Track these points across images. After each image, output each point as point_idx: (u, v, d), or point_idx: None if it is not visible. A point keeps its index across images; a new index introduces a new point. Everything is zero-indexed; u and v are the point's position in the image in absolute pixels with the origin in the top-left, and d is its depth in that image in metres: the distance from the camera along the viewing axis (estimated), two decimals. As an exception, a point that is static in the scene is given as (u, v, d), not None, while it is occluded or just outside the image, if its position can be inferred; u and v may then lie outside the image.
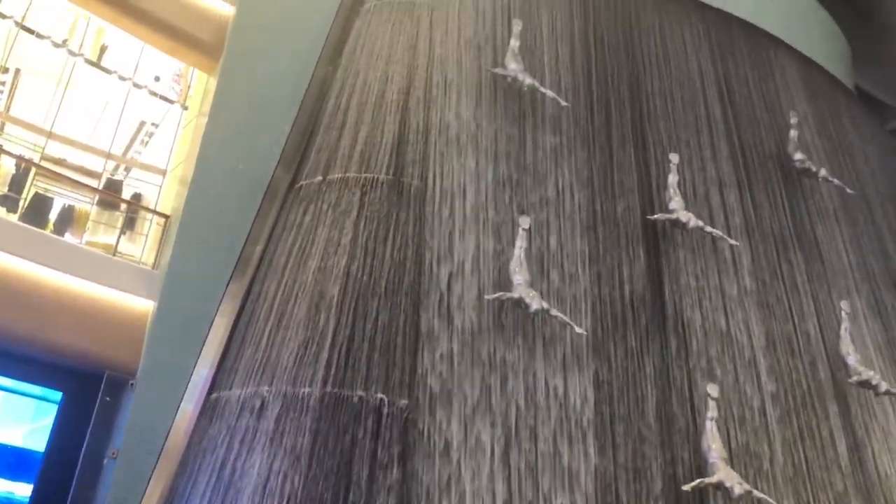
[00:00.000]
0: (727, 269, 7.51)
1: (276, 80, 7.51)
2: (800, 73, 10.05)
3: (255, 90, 7.52)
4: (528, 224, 6.47)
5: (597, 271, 6.89)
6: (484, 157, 6.95)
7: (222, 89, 7.55)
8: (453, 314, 6.07)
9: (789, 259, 8.02)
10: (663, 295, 7.06)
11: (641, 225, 7.37)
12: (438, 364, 5.81)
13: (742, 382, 6.90)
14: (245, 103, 7.46)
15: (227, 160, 7.15)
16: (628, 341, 6.65)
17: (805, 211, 8.59)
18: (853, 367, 7.30)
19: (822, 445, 6.92)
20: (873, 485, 7.00)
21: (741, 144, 8.57)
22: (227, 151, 7.18)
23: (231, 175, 7.07)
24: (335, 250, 6.09)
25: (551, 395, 6.10)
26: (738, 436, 6.57)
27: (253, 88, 7.53)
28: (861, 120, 11.12)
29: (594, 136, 7.73)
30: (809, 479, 6.66)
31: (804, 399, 7.13)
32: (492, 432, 5.67)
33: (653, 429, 6.33)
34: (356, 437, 5.30)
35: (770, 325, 7.44)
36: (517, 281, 6.21)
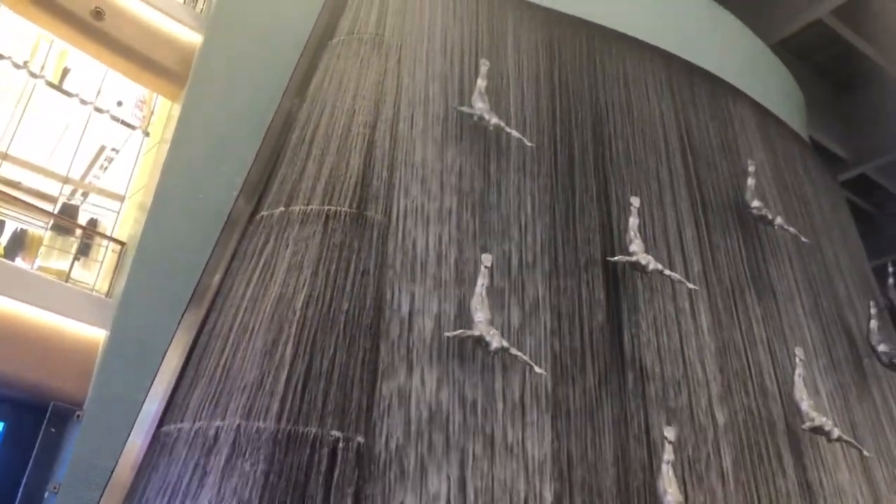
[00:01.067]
0: (685, 313, 7.59)
1: (240, 110, 7.45)
2: (757, 123, 10.32)
3: (220, 119, 7.45)
4: (490, 262, 6.48)
5: (557, 311, 6.91)
6: (448, 195, 6.96)
7: (186, 117, 7.47)
8: (413, 351, 6.01)
9: (745, 304, 8.14)
10: (622, 337, 7.10)
11: (602, 266, 7.43)
12: (396, 401, 5.73)
13: (698, 426, 6.93)
14: (208, 132, 7.39)
15: (188, 188, 7.04)
16: (587, 382, 6.66)
17: (761, 257, 8.75)
18: (806, 412, 7.40)
19: (776, 490, 6.96)
20: (825, 531, 7.06)
21: (700, 190, 8.73)
22: (188, 179, 7.08)
23: (191, 203, 6.96)
24: (294, 283, 6.00)
25: (509, 435, 6.05)
26: (693, 479, 6.58)
27: (217, 117, 7.46)
28: (815, 170, 11.43)
29: (558, 177, 7.82)
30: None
31: (759, 444, 7.18)
32: (448, 472, 5.59)
33: (610, 470, 6.31)
34: (310, 475, 5.17)
35: (726, 369, 7.52)
36: (478, 319, 6.18)
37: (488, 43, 8.22)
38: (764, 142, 10.27)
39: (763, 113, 10.75)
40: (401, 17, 7.94)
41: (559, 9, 9.17)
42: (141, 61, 8.04)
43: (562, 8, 9.21)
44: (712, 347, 7.51)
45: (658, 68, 9.53)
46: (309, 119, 7.21)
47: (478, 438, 5.90)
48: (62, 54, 9.47)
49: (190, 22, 8.19)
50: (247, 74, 7.64)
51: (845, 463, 7.78)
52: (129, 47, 7.93)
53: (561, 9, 9.19)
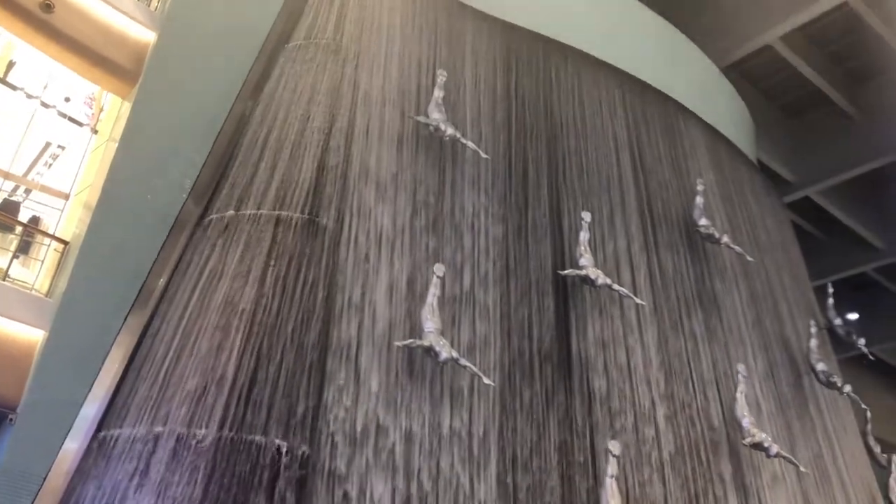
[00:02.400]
0: (632, 327, 7.69)
1: (192, 112, 7.33)
2: (707, 144, 10.54)
3: (171, 119, 7.31)
4: (442, 272, 6.47)
5: (507, 323, 6.94)
6: (402, 204, 6.95)
7: (136, 116, 7.32)
8: (361, 360, 5.96)
9: (691, 321, 8.28)
10: (570, 349, 7.16)
11: (553, 279, 7.49)
12: (342, 410, 5.67)
13: (642, 439, 7.01)
14: (159, 132, 7.24)
15: (136, 189, 6.89)
16: (534, 393, 6.69)
17: (707, 275, 8.92)
18: (747, 429, 7.55)
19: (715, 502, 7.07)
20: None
21: (650, 207, 8.87)
22: (136, 180, 6.93)
23: (138, 204, 6.81)
24: (242, 288, 5.90)
25: (455, 445, 6.03)
26: (636, 492, 6.64)
27: (168, 117, 7.32)
28: (761, 191, 11.72)
29: (511, 189, 7.87)
30: (703, 538, 6.79)
31: (700, 458, 7.30)
32: (393, 483, 5.55)
33: (555, 482, 6.34)
34: (251, 484, 5.08)
35: (671, 384, 7.63)
36: (428, 328, 6.17)
37: (446, 54, 8.25)
38: (713, 162, 10.49)
39: (713, 134, 10.99)
40: (359, 25, 7.91)
41: (517, 23, 9.25)
42: (91, 57, 7.85)
43: (520, 22, 9.29)
44: (657, 362, 7.62)
45: (612, 86, 9.68)
46: (262, 123, 7.12)
47: (424, 448, 5.87)
48: (8, 46, 9.20)
49: (143, 19, 8.03)
50: (200, 75, 7.53)
51: (782, 477, 7.95)
52: (78, 42, 7.74)
53: (519, 23, 9.27)
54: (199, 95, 7.47)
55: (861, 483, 9.86)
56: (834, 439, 9.65)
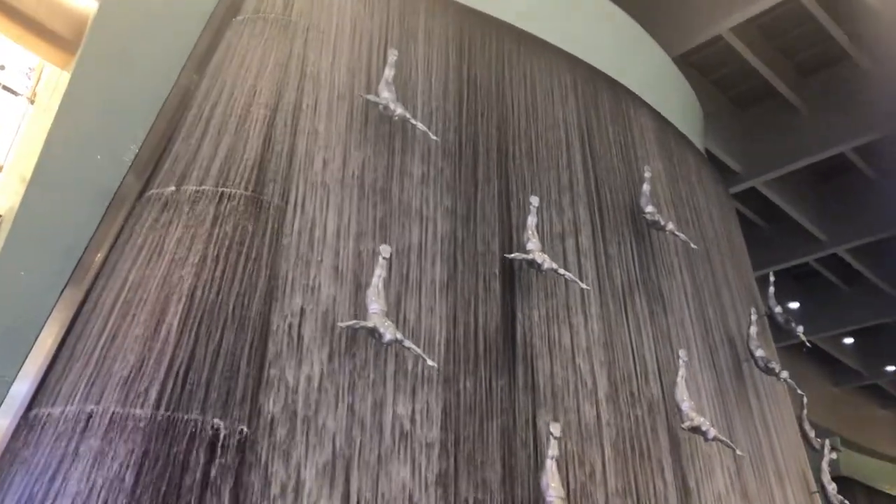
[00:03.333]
0: (576, 312, 7.76)
1: (135, 84, 7.12)
2: (656, 132, 10.65)
3: (112, 91, 7.09)
4: (388, 253, 6.42)
5: (453, 305, 6.93)
6: (349, 183, 6.87)
7: (75, 86, 7.08)
8: (304, 341, 5.90)
9: (634, 306, 8.39)
10: (515, 332, 7.19)
11: (500, 263, 7.51)
12: (283, 391, 5.61)
13: (584, 422, 7.10)
14: (99, 104, 7.02)
15: (74, 161, 6.67)
16: (478, 377, 6.71)
17: (651, 262, 9.04)
18: (686, 413, 7.69)
19: (654, 485, 7.21)
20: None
21: (598, 193, 8.95)
22: (74, 152, 6.71)
23: (76, 177, 6.61)
24: (182, 265, 5.78)
25: (398, 428, 6.02)
26: (576, 474, 6.73)
27: (109, 89, 7.10)
28: (708, 180, 11.91)
29: (460, 172, 7.84)
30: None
31: (640, 440, 7.42)
32: (333, 464, 5.52)
33: (496, 465, 6.38)
34: (188, 464, 5.00)
35: (613, 368, 7.73)
36: (373, 310, 6.13)
37: (398, 33, 8.17)
38: (661, 150, 10.62)
39: (662, 122, 11.12)
40: (309, 1, 7.78)
41: (471, 5, 9.20)
42: (27, 24, 7.58)
43: (474, 5, 9.24)
44: (601, 346, 7.71)
45: (563, 71, 9.70)
46: (207, 97, 6.97)
47: (365, 430, 5.85)
48: (-59, 11, 8.82)
49: (85, -14, 7.78)
50: (143, 47, 7.31)
51: (719, 460, 8.14)
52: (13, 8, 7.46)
53: (473, 6, 9.22)
54: (142, 67, 7.26)
55: (795, 465, 10.16)
56: (771, 423, 9.91)
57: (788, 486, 9.42)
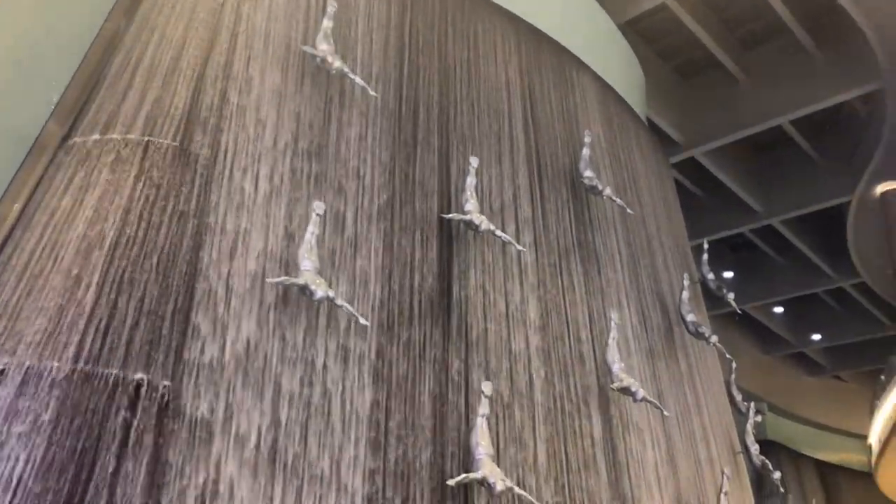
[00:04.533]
0: (512, 274, 7.78)
1: (59, 27, 6.80)
2: (598, 97, 10.68)
3: (34, 35, 6.75)
4: (322, 210, 6.31)
5: (388, 265, 6.87)
6: (283, 137, 6.70)
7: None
8: (232, 296, 5.77)
9: (570, 269, 8.46)
10: (450, 292, 7.18)
11: (437, 222, 7.46)
12: (210, 347, 5.48)
13: (515, 382, 7.16)
14: (20, 48, 6.68)
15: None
16: (412, 336, 6.68)
17: (588, 226, 9.11)
18: (616, 374, 7.82)
19: (583, 445, 7.34)
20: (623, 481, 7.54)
21: (538, 156, 8.94)
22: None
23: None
24: (105, 216, 5.58)
25: (328, 386, 5.97)
26: (506, 433, 6.79)
27: (31, 33, 6.76)
28: (648, 148, 12.02)
29: (399, 130, 7.73)
30: (568, 476, 7.03)
31: (571, 401, 7.53)
32: (260, 423, 5.43)
33: (427, 424, 6.39)
34: (107, 418, 4.86)
35: (547, 329, 7.79)
36: (305, 267, 6.02)
37: (338, -16, 7.94)
38: (602, 115, 10.66)
39: (604, 88, 11.15)
40: (246, -53, 7.50)
41: (415, -41, 9.01)
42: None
43: (418, -41, 9.05)
44: (535, 307, 7.76)
45: (508, 33, 9.62)
46: (135, 44, 6.69)
47: (294, 388, 5.77)
48: None
49: (6, -79, 7.35)
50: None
51: (647, 421, 8.33)
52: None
53: (417, -40, 9.03)
54: (67, 10, 6.93)
55: (721, 427, 10.47)
56: (699, 386, 10.17)
57: (714, 446, 9.71)
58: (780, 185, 22.30)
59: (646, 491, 7.81)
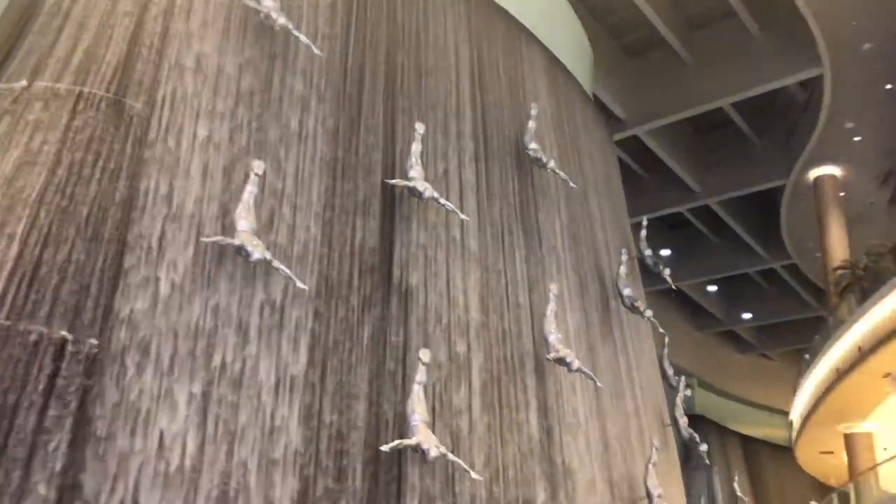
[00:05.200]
0: (455, 243, 7.76)
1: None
2: (545, 70, 10.67)
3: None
4: (261, 170, 6.15)
5: (329, 228, 6.76)
6: (223, 93, 6.49)
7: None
8: (165, 255, 5.60)
9: (512, 239, 8.48)
10: (392, 259, 7.12)
11: (381, 188, 7.37)
12: (140, 306, 5.32)
13: (454, 351, 7.17)
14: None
15: None
16: (351, 301, 6.61)
17: (531, 197, 9.14)
18: (553, 344, 7.92)
19: (517, 413, 7.42)
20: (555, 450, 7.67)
21: (484, 125, 8.90)
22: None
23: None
24: (32, 167, 5.34)
25: (263, 349, 5.86)
26: (443, 400, 6.81)
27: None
28: (592, 124, 12.10)
29: (345, 92, 7.58)
30: (501, 442, 7.11)
31: (508, 370, 7.59)
32: (190, 385, 5.31)
33: (363, 390, 6.35)
34: (29, 377, 4.69)
35: (487, 299, 7.81)
36: (241, 227, 5.87)
37: (285, -61, 7.70)
38: (549, 89, 10.66)
39: (553, 62, 11.14)
40: None
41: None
42: None
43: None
44: (476, 277, 7.76)
45: (458, 0, 9.50)
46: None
47: (228, 351, 5.66)
48: None
49: None
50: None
51: (581, 391, 8.46)
52: None
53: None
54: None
55: (652, 400, 10.73)
56: (632, 360, 10.38)
57: (644, 418, 9.94)
58: (719, 166, 22.79)
59: (577, 459, 7.96)
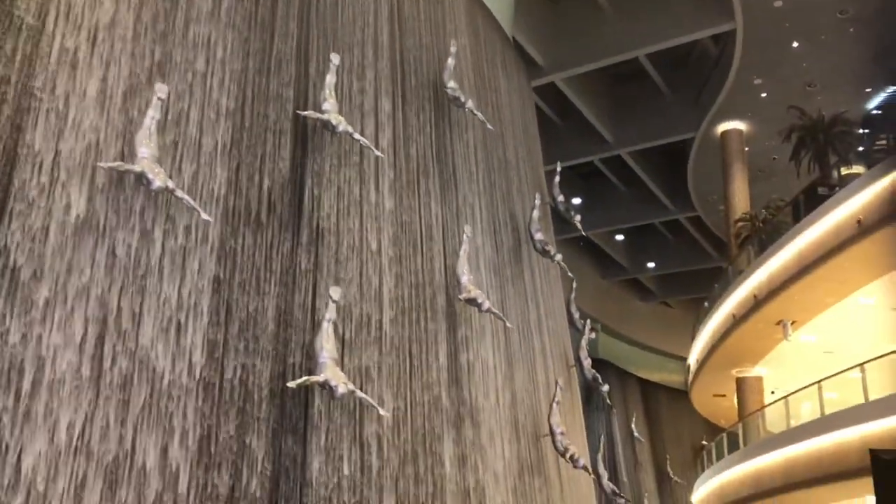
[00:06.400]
0: (368, 180, 7.60)
1: None
2: (466, 9, 10.47)
3: None
4: (165, 93, 5.79)
5: (237, 158, 6.48)
6: (124, 10, 6.06)
7: None
8: (58, 178, 5.24)
9: (427, 178, 8.39)
10: (302, 194, 6.92)
11: (293, 119, 7.11)
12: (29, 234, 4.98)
13: (365, 289, 7.08)
14: None
15: None
16: (258, 235, 6.41)
17: (448, 138, 9.04)
18: (465, 285, 7.93)
19: (427, 351, 7.44)
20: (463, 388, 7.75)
21: (402, 62, 8.69)
22: None
23: None
24: None
25: (165, 284, 5.62)
26: (352, 337, 6.74)
27: None
28: (511, 67, 12.01)
29: (256, 16, 7.20)
30: (411, 379, 7.13)
31: (419, 309, 7.57)
32: (86, 314, 5.05)
33: (270, 326, 6.21)
34: None
35: (400, 238, 7.73)
36: (142, 154, 5.54)
37: None
38: (470, 28, 10.48)
39: (473, 1, 10.93)
40: None
41: None
42: None
43: None
44: (389, 215, 7.65)
45: (379, -72, 9.13)
46: None
47: (127, 278, 5.40)
48: None
49: None
50: None
51: (490, 331, 8.56)
52: None
53: None
54: None
55: (558, 342, 10.98)
56: (541, 302, 10.56)
57: (550, 359, 10.17)
58: (632, 117, 23.22)
59: (484, 397, 8.08)
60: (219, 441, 5.51)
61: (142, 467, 5.01)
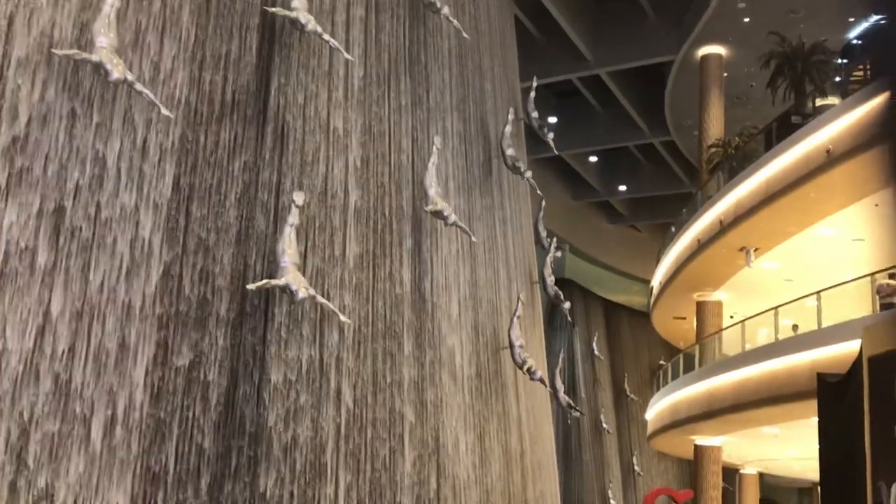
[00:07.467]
0: (337, 83, 7.41)
1: None
2: None
3: None
4: (125, -19, 5.53)
5: (200, 53, 6.25)
6: None
7: None
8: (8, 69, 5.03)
9: (398, 87, 8.20)
10: (268, 93, 6.73)
11: (259, 16, 6.84)
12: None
13: (330, 195, 7.00)
14: None
15: None
16: (221, 135, 6.25)
17: (422, 45, 8.79)
18: (432, 197, 7.88)
19: (391, 259, 7.45)
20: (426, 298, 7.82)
21: (376, -38, 8.35)
22: None
23: None
24: None
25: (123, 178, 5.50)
26: (315, 244, 6.71)
27: None
28: (492, -25, 11.62)
29: None
30: (374, 286, 7.16)
31: (384, 217, 7.53)
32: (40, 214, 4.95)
33: (232, 226, 6.14)
34: None
35: (368, 145, 7.60)
36: (100, 43, 5.31)
37: None
38: (450, -70, 10.07)
39: None
40: None
41: None
42: None
43: None
44: (357, 122, 7.50)
45: None
46: None
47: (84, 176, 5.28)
48: None
49: None
50: None
51: (456, 243, 8.57)
52: None
53: None
54: None
55: (524, 258, 11.06)
56: (509, 219, 10.56)
57: (514, 274, 10.26)
58: (614, 36, 22.82)
59: (446, 308, 8.16)
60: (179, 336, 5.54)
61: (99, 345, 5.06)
